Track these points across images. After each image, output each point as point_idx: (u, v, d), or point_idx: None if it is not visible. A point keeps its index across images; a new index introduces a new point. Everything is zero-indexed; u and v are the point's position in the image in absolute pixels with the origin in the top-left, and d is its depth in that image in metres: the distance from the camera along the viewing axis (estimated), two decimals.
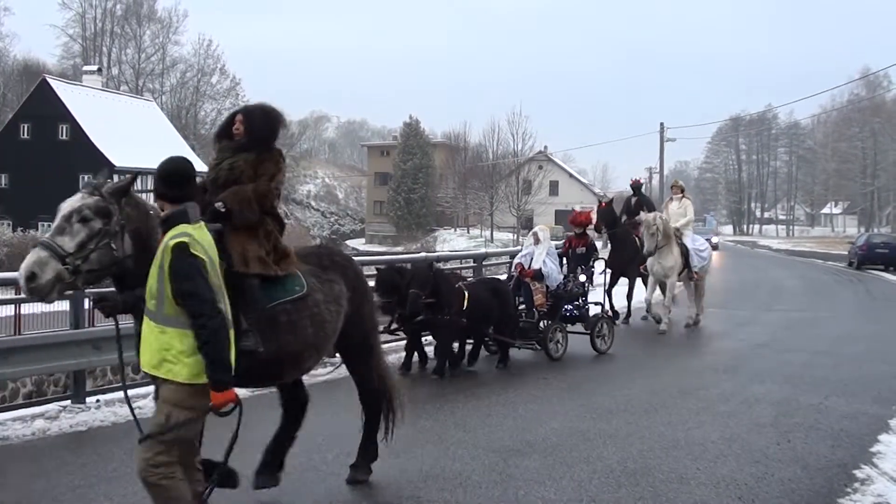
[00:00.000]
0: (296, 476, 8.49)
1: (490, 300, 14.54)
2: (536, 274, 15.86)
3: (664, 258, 19.82)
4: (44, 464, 8.96)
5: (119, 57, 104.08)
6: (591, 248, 17.09)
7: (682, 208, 21.55)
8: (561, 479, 8.52)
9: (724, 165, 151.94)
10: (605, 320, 17.05)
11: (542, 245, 16.32)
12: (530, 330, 15.70)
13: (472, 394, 12.71)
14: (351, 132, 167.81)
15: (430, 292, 13.56)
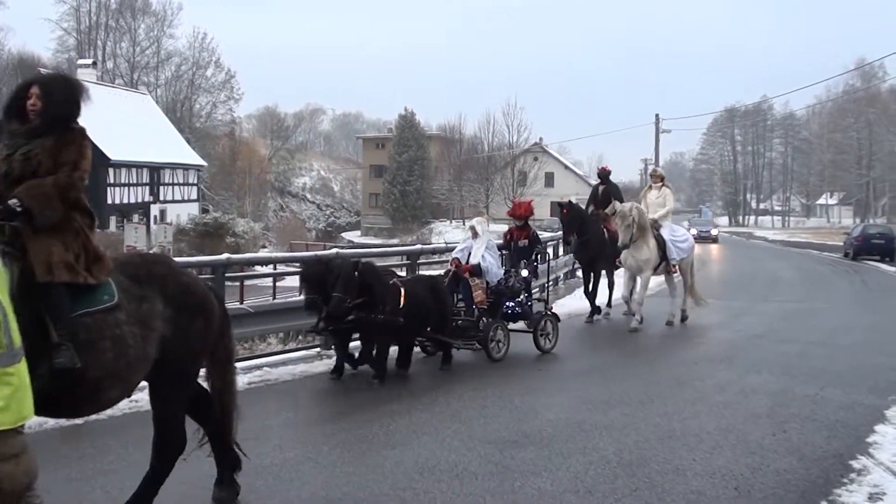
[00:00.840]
0: (292, 468, 8.51)
1: (428, 298, 13.64)
2: (475, 269, 14.96)
3: (639, 251, 18.75)
4: (40, 456, 8.91)
5: (114, 50, 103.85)
6: (533, 240, 16.23)
7: (662, 198, 20.27)
8: (557, 470, 8.52)
9: (720, 156, 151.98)
10: (548, 318, 15.93)
11: (480, 239, 15.33)
12: (470, 329, 14.81)
13: (469, 385, 12.71)
14: (346, 125, 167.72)
15: (359, 292, 12.53)
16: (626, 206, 18.70)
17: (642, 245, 18.74)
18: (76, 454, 8.97)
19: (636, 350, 16.41)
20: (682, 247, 19.78)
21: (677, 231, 20.36)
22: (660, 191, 20.45)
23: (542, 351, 15.42)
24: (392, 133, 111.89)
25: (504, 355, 14.74)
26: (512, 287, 15.37)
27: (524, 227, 16.30)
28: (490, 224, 18.71)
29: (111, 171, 68.83)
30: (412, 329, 13.58)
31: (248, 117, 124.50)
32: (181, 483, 7.44)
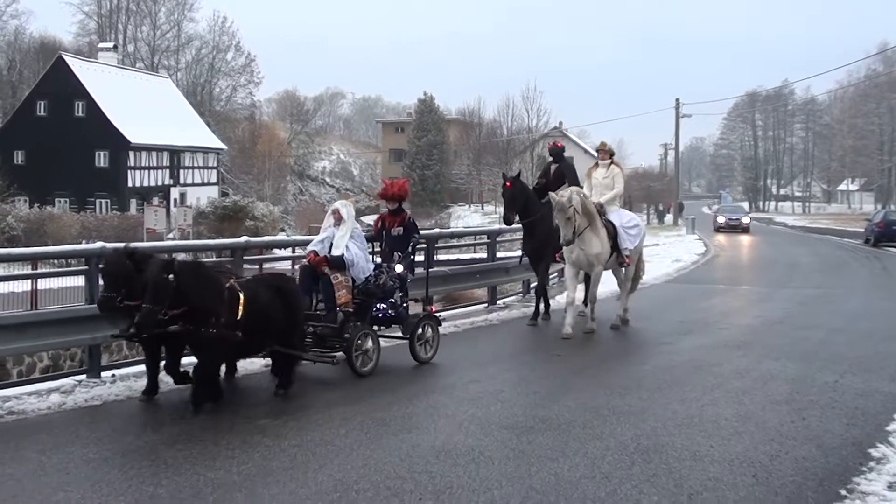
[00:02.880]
0: (309, 451, 8.53)
1: (274, 303, 10.86)
2: (335, 262, 12.40)
3: (588, 244, 15.85)
4: (59, 437, 9.00)
5: (134, 34, 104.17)
6: (410, 228, 13.36)
7: (610, 178, 17.09)
8: (574, 455, 8.50)
9: (740, 141, 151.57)
10: (428, 322, 13.47)
11: (344, 225, 12.70)
12: (331, 337, 12.30)
13: (486, 370, 12.70)
14: (366, 108, 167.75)
15: (177, 299, 9.75)
16: (563, 196, 15.50)
17: (591, 237, 15.91)
18: (94, 436, 9.03)
19: (654, 336, 16.31)
20: (632, 234, 16.92)
21: (625, 216, 17.31)
22: (608, 169, 17.25)
23: (420, 361, 13.04)
24: (411, 117, 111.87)
25: (373, 368, 12.23)
26: (383, 285, 12.75)
27: (398, 213, 13.55)
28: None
29: (132, 154, 69.19)
30: (255, 343, 10.82)
31: (267, 101, 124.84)
32: None
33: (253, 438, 8.93)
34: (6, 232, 47.92)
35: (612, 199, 16.93)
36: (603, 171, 17.20)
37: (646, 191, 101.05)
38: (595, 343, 15.28)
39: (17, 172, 62.75)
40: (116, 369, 12.42)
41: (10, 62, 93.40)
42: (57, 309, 13.57)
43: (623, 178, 17.54)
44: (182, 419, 9.70)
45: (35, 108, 70.16)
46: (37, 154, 67.21)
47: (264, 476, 7.74)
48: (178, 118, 77.31)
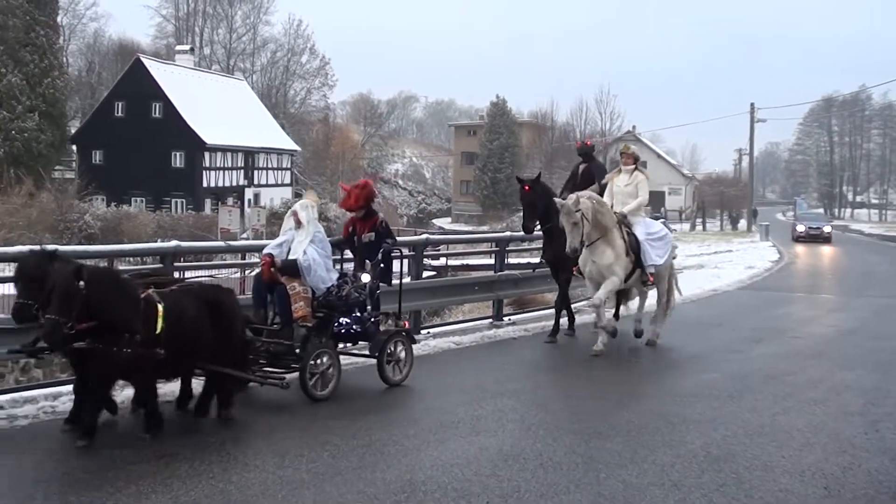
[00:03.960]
0: (377, 451, 8.60)
1: (202, 316, 9.41)
2: (288, 267, 11.05)
3: (599, 254, 14.38)
4: (102, 440, 9.08)
5: (211, 37, 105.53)
6: (383, 233, 12.09)
7: (633, 185, 15.43)
8: (643, 462, 8.46)
9: (816, 147, 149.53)
10: (399, 339, 11.92)
11: (305, 229, 11.39)
12: (286, 355, 10.90)
13: (555, 375, 12.73)
14: (438, 112, 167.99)
15: (88, 311, 8.39)
16: (571, 199, 14.12)
17: (604, 247, 14.40)
18: (166, 431, 9.01)
19: (725, 343, 16.15)
20: (659, 247, 15.24)
21: (652, 226, 15.61)
22: (631, 176, 15.56)
23: (389, 383, 11.60)
24: (483, 120, 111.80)
25: (331, 392, 10.75)
26: (346, 297, 11.27)
27: (369, 216, 12.27)
28: None
29: (207, 155, 69.98)
30: (181, 363, 9.50)
31: (341, 104, 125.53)
32: None
33: (322, 437, 9.01)
34: (84, 230, 48.70)
35: (635, 209, 15.20)
36: (625, 178, 15.52)
37: (719, 196, 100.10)
38: (665, 350, 15.15)
39: (94, 172, 63.72)
40: None
41: (90, 64, 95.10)
42: None
43: (647, 186, 15.64)
44: (251, 418, 9.80)
45: (113, 109, 71.20)
46: (114, 154, 68.23)
47: (333, 475, 7.81)
48: (252, 120, 78.04)
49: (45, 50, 61.50)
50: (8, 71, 58.76)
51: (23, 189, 49.25)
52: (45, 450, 8.42)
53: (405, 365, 11.91)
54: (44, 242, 10.63)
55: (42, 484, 7.49)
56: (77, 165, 70.12)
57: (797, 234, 61.65)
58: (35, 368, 22.53)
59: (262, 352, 10.89)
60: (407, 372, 11.89)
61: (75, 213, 50.21)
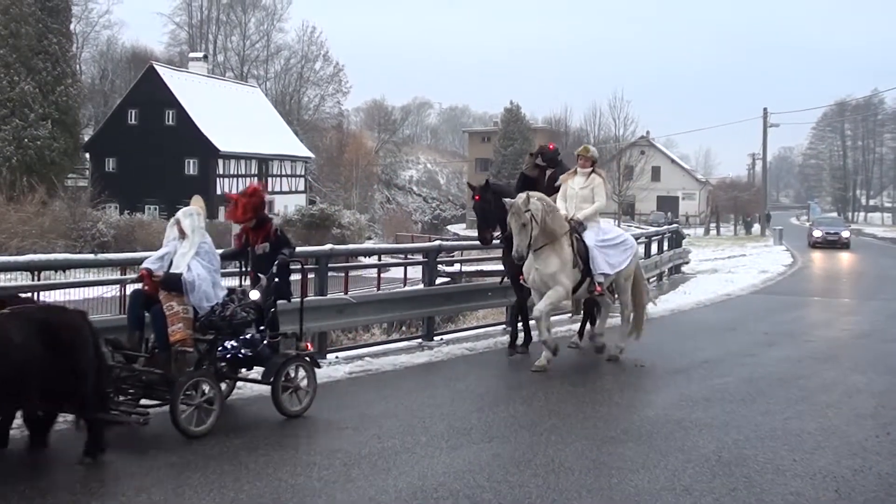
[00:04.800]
0: (389, 457, 8.61)
1: (30, 344, 7.87)
2: (169, 282, 9.80)
3: (544, 261, 13.21)
4: (144, 441, 9.13)
5: (224, 44, 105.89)
6: (279, 243, 10.71)
7: (589, 188, 14.25)
8: (655, 467, 8.47)
9: (829, 151, 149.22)
10: (299, 364, 10.41)
11: (189, 239, 10.16)
12: (160, 385, 9.38)
13: (567, 381, 12.68)
14: (453, 118, 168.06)
15: None
16: (521, 198, 13.04)
17: (550, 254, 13.24)
18: (177, 439, 9.10)
19: (738, 347, 16.13)
20: (614, 257, 13.94)
21: (609, 233, 14.56)
22: (588, 178, 14.37)
23: (287, 414, 10.08)
24: (498, 126, 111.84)
25: (210, 427, 9.31)
26: (230, 317, 9.81)
27: (261, 225, 10.83)
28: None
29: (220, 162, 70.17)
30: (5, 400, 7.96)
31: (355, 110, 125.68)
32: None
33: (334, 445, 9.05)
34: (97, 238, 48.87)
35: (591, 215, 14.11)
36: (581, 181, 14.32)
37: (733, 201, 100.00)
38: (678, 355, 15.11)
39: (108, 179, 63.93)
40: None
41: (103, 71, 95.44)
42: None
43: (606, 189, 14.63)
44: (264, 425, 9.83)
45: (126, 117, 71.44)
46: (127, 161, 68.46)
47: (344, 482, 7.83)
48: (266, 127, 78.22)
49: (58, 58, 61.77)
50: (21, 79, 59.02)
51: (36, 197, 49.43)
52: (56, 460, 8.44)
53: (306, 393, 10.36)
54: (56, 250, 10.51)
55: (53, 493, 7.51)
56: (90, 173, 70.29)
57: (814, 239, 58.32)
58: None
59: (133, 382, 9.49)
60: (308, 402, 10.33)
61: (88, 221, 50.37)
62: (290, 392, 10.22)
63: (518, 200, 12.92)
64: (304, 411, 10.22)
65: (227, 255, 11.19)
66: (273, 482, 7.79)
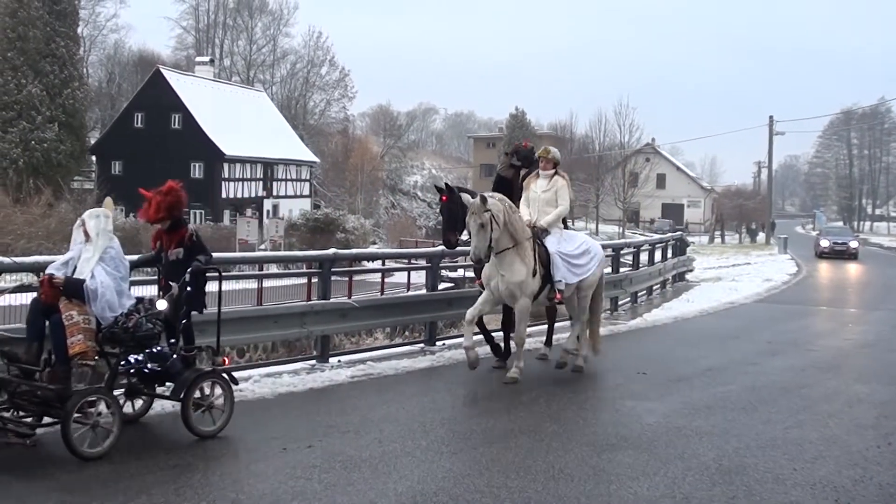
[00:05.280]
0: (390, 461, 8.62)
1: None
2: (71, 289, 8.95)
3: (509, 268, 12.55)
4: (146, 443, 9.16)
5: (231, 48, 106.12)
6: (195, 249, 9.70)
7: (552, 191, 13.62)
8: (654, 475, 8.47)
9: (835, 160, 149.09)
10: (213, 380, 9.56)
11: (94, 243, 9.36)
12: (56, 402, 8.54)
13: (569, 387, 12.69)
14: (458, 124, 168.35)
15: None
16: (479, 198, 12.41)
17: (515, 260, 12.61)
18: (179, 442, 9.14)
19: (741, 356, 16.11)
20: (580, 264, 13.41)
21: (574, 240, 13.79)
22: (550, 181, 13.71)
23: (199, 435, 9.22)
24: (503, 132, 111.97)
25: (106, 450, 8.47)
26: (133, 328, 9.01)
27: (175, 228, 9.86)
28: (602, 224, 13.26)
29: (226, 166, 70.29)
30: None
31: (361, 115, 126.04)
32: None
33: (334, 448, 9.05)
34: None
35: (554, 220, 13.52)
36: (544, 184, 13.68)
37: (738, 209, 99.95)
38: (681, 362, 15.12)
39: (114, 182, 63.82)
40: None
41: (110, 75, 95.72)
42: None
43: (570, 192, 13.86)
44: (266, 428, 9.85)
45: (133, 120, 71.55)
46: (133, 165, 68.45)
47: (345, 486, 7.84)
48: (272, 131, 78.34)
49: (65, 61, 61.87)
50: (28, 82, 59.12)
51: (42, 199, 49.50)
52: (56, 458, 8.45)
53: (222, 412, 9.50)
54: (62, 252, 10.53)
55: (54, 493, 7.52)
56: (96, 176, 70.46)
57: (821, 249, 56.74)
58: None
59: (30, 398, 8.75)
60: (224, 421, 9.48)
61: None
62: (202, 410, 9.36)
63: (477, 199, 12.34)
64: (218, 431, 9.37)
65: (140, 262, 10.54)
66: (273, 484, 7.80)
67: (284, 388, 11.75)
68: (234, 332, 12.23)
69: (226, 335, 11.39)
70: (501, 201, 12.53)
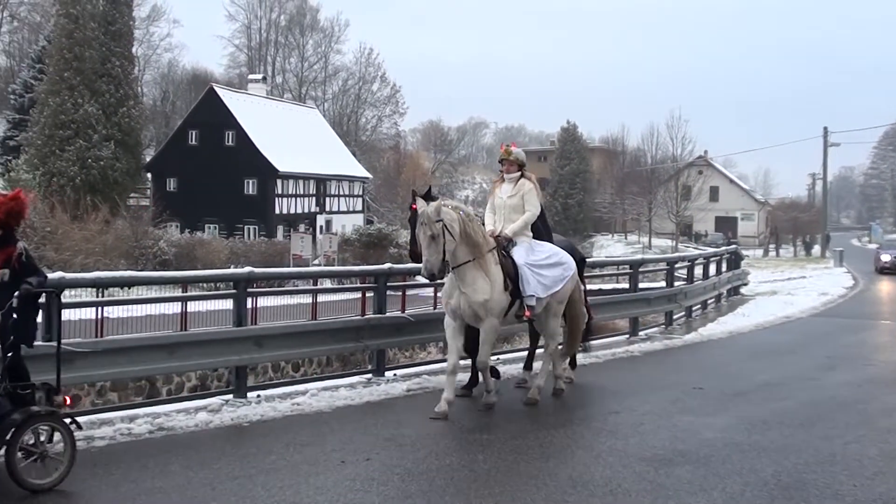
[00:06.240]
0: (447, 475, 8.65)
1: None
2: None
3: (471, 283, 11.23)
4: (206, 454, 9.31)
5: (283, 66, 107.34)
6: (24, 271, 8.13)
7: (518, 196, 12.30)
8: (712, 490, 8.42)
9: (891, 171, 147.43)
10: (52, 422, 8.09)
11: None
12: None
13: (624, 403, 12.63)
14: (509, 138, 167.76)
15: None
16: (431, 206, 11.01)
17: (477, 276, 11.28)
18: (239, 453, 9.30)
19: (798, 371, 15.99)
20: (548, 276, 11.97)
21: (543, 250, 12.28)
22: (516, 185, 12.40)
23: (30, 489, 7.75)
24: (554, 146, 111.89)
25: None
26: None
27: (5, 244, 8.18)
28: (655, 237, 13.39)
29: (279, 182, 70.74)
30: None
31: (412, 131, 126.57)
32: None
33: (392, 461, 9.11)
34: (158, 256, 49.50)
35: (521, 228, 12.18)
36: (509, 188, 12.39)
37: (793, 222, 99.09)
38: (736, 378, 15.01)
39: (169, 199, 64.74)
40: (262, 390, 12.78)
41: (164, 93, 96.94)
42: (206, 330, 14.05)
43: (538, 196, 12.48)
44: (324, 442, 9.92)
45: (187, 138, 72.30)
46: (188, 181, 69.22)
47: (403, 498, 7.89)
48: (324, 147, 78.83)
49: (120, 80, 62.66)
50: (85, 101, 59.87)
51: (99, 216, 50.15)
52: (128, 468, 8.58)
53: (62, 462, 8.04)
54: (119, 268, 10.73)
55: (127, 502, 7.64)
56: (151, 193, 71.24)
57: (881, 264, 52.46)
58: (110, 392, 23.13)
59: None
60: (62, 473, 8.02)
61: (150, 240, 51.05)
62: (32, 460, 7.86)
63: (428, 208, 10.91)
64: (55, 484, 7.91)
65: None
66: (332, 497, 7.86)
67: (342, 402, 11.87)
68: (292, 346, 12.35)
69: (284, 349, 11.52)
70: (456, 209, 11.32)
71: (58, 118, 59.47)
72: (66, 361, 9.29)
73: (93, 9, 61.28)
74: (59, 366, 8.46)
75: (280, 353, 13.25)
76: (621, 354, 17.13)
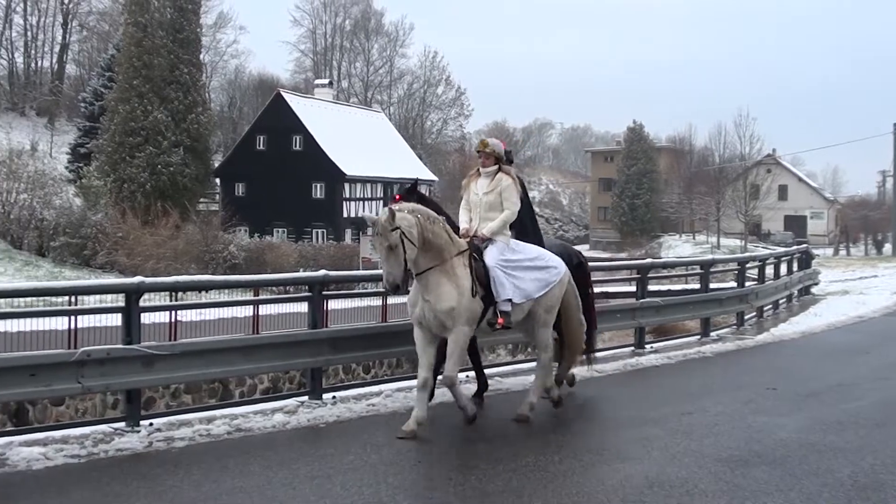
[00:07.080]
0: (523, 475, 8.71)
1: None
2: None
3: (434, 290, 10.16)
4: (284, 454, 9.47)
5: (349, 70, 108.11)
6: None
7: (495, 192, 11.05)
8: (789, 490, 8.40)
9: None
10: None
11: None
12: None
13: (697, 403, 12.61)
14: (574, 138, 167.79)
15: None
16: (384, 213, 9.92)
17: (441, 281, 10.19)
18: (317, 454, 9.44)
19: (872, 370, 15.84)
20: (527, 278, 10.82)
21: (526, 252, 11.13)
22: (493, 180, 11.13)
23: None
24: (620, 146, 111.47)
25: None
26: None
27: None
28: (723, 237, 13.29)
29: (347, 186, 71.15)
30: None
31: (477, 133, 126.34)
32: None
33: (469, 462, 9.20)
34: (228, 260, 50.13)
35: (499, 228, 10.92)
36: (485, 184, 11.17)
37: (863, 220, 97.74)
38: (809, 379, 14.90)
39: (238, 204, 65.48)
40: (336, 391, 12.90)
41: (231, 99, 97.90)
42: (279, 333, 14.22)
43: (518, 192, 11.22)
44: (400, 442, 10.02)
45: (255, 143, 72.99)
46: (256, 186, 69.87)
47: (480, 498, 7.98)
48: (390, 151, 79.18)
49: (189, 87, 63.36)
50: (154, 108, 60.65)
51: (169, 221, 50.90)
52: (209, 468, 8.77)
53: None
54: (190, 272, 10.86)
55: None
56: (220, 198, 72.14)
57: None
58: (185, 394, 23.49)
59: None
60: None
61: (220, 244, 51.72)
62: None
63: (381, 216, 9.87)
64: None
65: None
66: (410, 496, 8.02)
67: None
68: (366, 348, 12.49)
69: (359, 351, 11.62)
70: (414, 213, 10.12)
71: (128, 125, 60.31)
72: (145, 364, 9.80)
73: (161, 17, 62.03)
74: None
75: (355, 354, 13.38)
76: (693, 355, 17.06)
